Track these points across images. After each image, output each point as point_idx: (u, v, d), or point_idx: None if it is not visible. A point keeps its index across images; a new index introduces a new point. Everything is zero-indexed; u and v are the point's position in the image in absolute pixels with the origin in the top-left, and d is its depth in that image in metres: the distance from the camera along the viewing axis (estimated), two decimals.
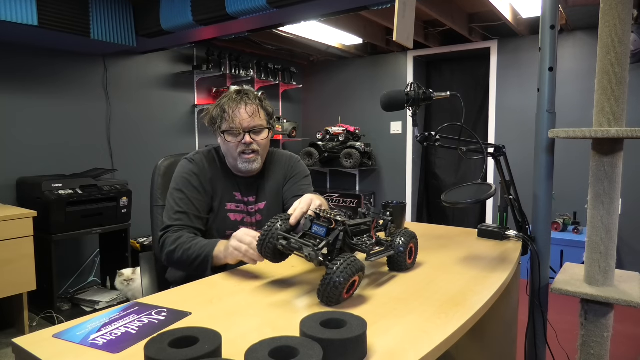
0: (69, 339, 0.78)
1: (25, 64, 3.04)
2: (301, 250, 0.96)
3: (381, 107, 1.34)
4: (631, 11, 1.23)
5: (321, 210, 1.02)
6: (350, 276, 0.90)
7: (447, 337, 0.80)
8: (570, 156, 3.71)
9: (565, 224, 3.65)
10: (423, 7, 3.05)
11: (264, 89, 4.59)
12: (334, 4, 2.43)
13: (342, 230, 0.99)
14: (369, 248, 1.04)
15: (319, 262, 0.94)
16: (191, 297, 1.00)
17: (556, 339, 1.92)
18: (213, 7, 2.56)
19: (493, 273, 1.16)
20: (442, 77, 4.83)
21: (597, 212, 1.29)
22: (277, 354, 0.64)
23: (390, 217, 1.20)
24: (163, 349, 0.63)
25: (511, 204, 1.49)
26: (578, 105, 3.70)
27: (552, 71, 1.40)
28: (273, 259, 1.07)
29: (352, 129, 4.68)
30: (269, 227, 1.05)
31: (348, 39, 4.13)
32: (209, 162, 1.51)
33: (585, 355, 1.32)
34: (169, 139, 3.94)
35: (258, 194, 1.54)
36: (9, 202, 2.94)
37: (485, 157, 1.39)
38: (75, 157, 3.32)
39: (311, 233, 1.02)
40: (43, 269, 2.75)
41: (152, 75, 3.80)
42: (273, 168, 1.59)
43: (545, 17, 1.39)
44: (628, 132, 1.17)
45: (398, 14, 1.50)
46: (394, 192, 4.79)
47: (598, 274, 1.30)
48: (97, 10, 2.77)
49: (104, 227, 3.00)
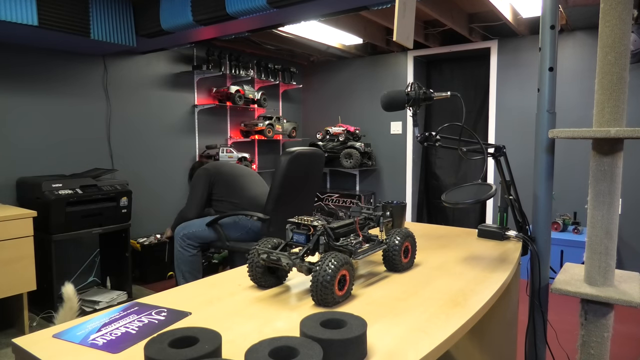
0: (69, 339, 0.78)
1: (25, 64, 3.04)
2: (279, 261, 0.96)
3: (381, 107, 1.35)
4: (631, 11, 1.23)
5: (300, 219, 1.04)
6: (335, 271, 0.89)
7: (447, 337, 0.80)
8: (570, 156, 3.71)
9: (565, 224, 3.65)
10: (423, 7, 3.05)
11: (264, 89, 4.59)
12: (334, 4, 2.43)
13: (320, 234, 0.99)
14: (354, 247, 1.04)
15: (306, 268, 0.95)
16: (191, 297, 1.00)
17: (556, 339, 1.92)
18: (213, 7, 2.56)
19: (493, 273, 1.16)
20: (442, 77, 4.83)
21: (597, 212, 1.29)
22: (277, 354, 0.64)
23: (381, 213, 1.20)
24: (163, 349, 0.63)
25: (511, 204, 1.49)
26: (578, 105, 3.70)
27: (552, 71, 1.40)
28: (270, 280, 1.05)
29: (352, 129, 4.68)
30: (252, 253, 1.04)
31: (348, 39, 4.13)
32: None
33: (585, 355, 1.32)
34: (169, 139, 3.94)
35: None
36: (9, 202, 2.94)
37: (485, 157, 1.39)
38: (75, 157, 3.32)
39: (293, 242, 1.04)
40: (43, 269, 2.75)
41: (152, 75, 3.80)
42: None
43: (545, 17, 1.39)
44: (628, 132, 1.17)
45: (398, 14, 1.50)
46: (394, 192, 4.79)
47: (598, 274, 1.30)
48: (97, 10, 2.77)
49: (104, 227, 3.00)
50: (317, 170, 2.90)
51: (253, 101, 4.37)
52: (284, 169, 2.60)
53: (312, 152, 2.77)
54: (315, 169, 2.86)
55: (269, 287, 1.05)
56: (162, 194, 3.91)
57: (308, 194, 2.96)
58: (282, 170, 2.60)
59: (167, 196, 3.95)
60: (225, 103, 4.12)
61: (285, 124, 4.68)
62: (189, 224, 2.79)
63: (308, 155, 2.73)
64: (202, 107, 4.13)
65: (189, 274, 2.75)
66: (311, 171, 2.83)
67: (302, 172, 2.74)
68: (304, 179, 2.80)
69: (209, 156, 4.08)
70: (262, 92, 4.44)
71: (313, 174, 2.87)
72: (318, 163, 2.87)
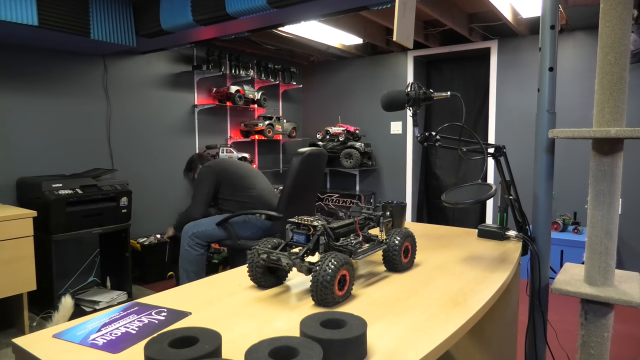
0: (69, 339, 0.78)
1: (25, 64, 3.04)
2: (279, 261, 0.96)
3: (381, 107, 1.35)
4: (631, 11, 1.23)
5: (300, 219, 1.04)
6: (335, 271, 0.89)
7: (447, 337, 0.80)
8: (570, 156, 3.71)
9: (565, 224, 3.65)
10: (423, 7, 3.05)
11: (264, 89, 4.59)
12: (334, 4, 2.43)
13: (320, 234, 0.99)
14: (354, 247, 1.04)
15: (306, 268, 0.94)
16: (191, 297, 1.00)
17: (556, 339, 1.92)
18: (213, 7, 2.56)
19: (493, 273, 1.16)
20: (442, 77, 4.83)
21: (597, 212, 1.29)
22: (277, 354, 0.64)
23: (381, 213, 1.20)
24: (163, 349, 0.63)
25: (511, 204, 1.49)
26: (578, 105, 3.70)
27: (552, 71, 1.40)
28: (270, 280, 1.05)
29: (352, 129, 4.68)
30: (252, 253, 1.05)
31: (348, 39, 4.13)
32: None
33: (585, 355, 1.32)
34: (169, 139, 3.94)
35: None
36: (9, 202, 2.94)
37: (485, 157, 1.39)
38: (75, 157, 3.32)
39: (293, 242, 1.04)
40: (43, 269, 2.75)
41: (152, 75, 3.80)
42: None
43: (545, 17, 1.39)
44: (628, 132, 1.17)
45: (398, 14, 1.50)
46: (394, 192, 4.79)
47: (598, 274, 1.30)
48: (97, 10, 2.77)
49: (104, 227, 3.00)
50: (321, 170, 3.00)
51: (253, 101, 4.37)
52: (296, 168, 2.68)
53: (319, 152, 2.86)
54: (320, 168, 2.95)
55: (269, 287, 1.05)
56: (162, 194, 3.91)
57: (313, 193, 3.06)
58: (294, 170, 2.67)
59: (167, 196, 3.95)
60: (225, 103, 4.12)
61: (285, 124, 4.68)
62: (198, 222, 2.79)
63: (316, 155, 2.82)
64: (202, 107, 4.13)
65: (193, 274, 2.75)
66: (316, 171, 2.91)
67: (310, 172, 2.83)
68: (311, 179, 2.88)
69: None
70: (262, 92, 4.44)
71: (317, 173, 2.95)
72: (323, 163, 2.96)
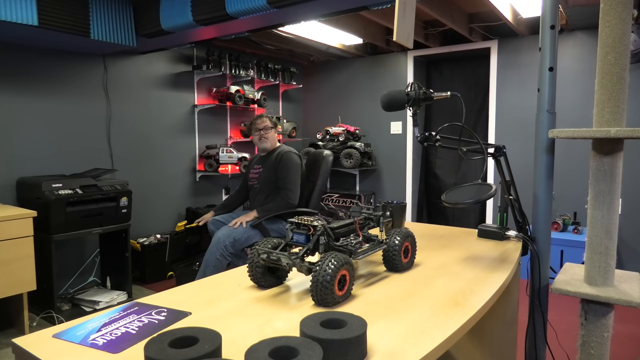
0: (69, 339, 0.78)
1: (25, 64, 3.04)
2: (279, 261, 0.96)
3: (381, 107, 1.35)
4: (631, 11, 1.23)
5: (300, 219, 1.04)
6: (335, 272, 0.89)
7: (447, 337, 0.80)
8: (571, 156, 3.71)
9: (565, 224, 3.65)
10: (423, 7, 3.05)
11: (264, 89, 4.59)
12: (334, 4, 2.43)
13: (320, 234, 0.99)
14: (354, 247, 1.04)
15: (306, 268, 0.94)
16: (191, 297, 1.00)
17: (556, 339, 1.92)
18: (213, 7, 2.56)
19: (493, 273, 1.16)
20: (442, 77, 4.83)
21: (597, 212, 1.29)
22: (277, 354, 0.64)
23: (381, 213, 1.20)
24: (163, 349, 0.63)
25: (511, 204, 1.49)
26: (578, 105, 3.70)
27: (552, 71, 1.40)
28: (270, 280, 1.05)
29: (352, 129, 4.68)
30: (252, 253, 1.04)
31: (348, 39, 4.13)
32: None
33: (585, 355, 1.32)
34: (169, 139, 3.94)
35: (262, 164, 2.96)
36: (9, 202, 2.94)
37: (485, 157, 1.39)
38: (75, 157, 3.32)
39: (293, 242, 1.04)
40: (43, 269, 2.75)
41: (152, 75, 3.80)
42: (272, 154, 2.93)
43: (545, 17, 1.39)
44: (628, 132, 1.17)
45: (398, 14, 1.50)
46: (394, 192, 4.79)
47: (598, 274, 1.30)
48: (97, 10, 2.77)
49: (104, 227, 3.00)
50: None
51: (253, 101, 4.37)
52: (329, 167, 2.85)
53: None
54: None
55: (269, 287, 1.05)
56: (162, 194, 3.91)
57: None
58: (327, 169, 2.76)
59: (167, 196, 3.95)
60: (225, 103, 4.12)
61: (285, 124, 4.67)
62: (232, 232, 2.76)
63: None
64: (202, 107, 4.13)
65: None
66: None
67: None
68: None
69: (209, 156, 4.08)
70: (262, 92, 4.43)
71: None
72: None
